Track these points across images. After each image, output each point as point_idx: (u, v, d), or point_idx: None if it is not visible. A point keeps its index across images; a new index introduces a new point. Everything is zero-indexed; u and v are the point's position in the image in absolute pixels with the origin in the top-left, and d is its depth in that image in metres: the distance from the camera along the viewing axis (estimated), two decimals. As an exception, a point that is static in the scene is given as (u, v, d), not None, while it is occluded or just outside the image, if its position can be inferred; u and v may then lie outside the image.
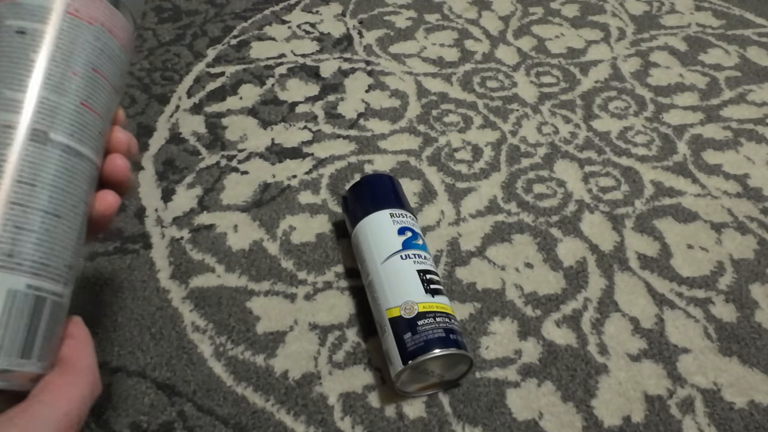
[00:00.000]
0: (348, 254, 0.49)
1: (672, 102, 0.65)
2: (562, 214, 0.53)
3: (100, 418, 0.39)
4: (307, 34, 0.73)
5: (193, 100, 0.63)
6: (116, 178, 0.30)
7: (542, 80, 0.67)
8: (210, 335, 0.44)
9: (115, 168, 0.30)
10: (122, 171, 0.31)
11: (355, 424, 0.39)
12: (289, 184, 0.55)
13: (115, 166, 0.30)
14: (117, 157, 0.31)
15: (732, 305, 0.47)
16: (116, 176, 0.30)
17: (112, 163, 0.30)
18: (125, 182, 0.31)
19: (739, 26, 0.76)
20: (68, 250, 0.27)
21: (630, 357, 0.43)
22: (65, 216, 0.26)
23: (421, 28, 0.74)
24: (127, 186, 0.31)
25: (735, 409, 0.41)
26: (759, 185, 0.56)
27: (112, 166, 0.30)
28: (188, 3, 0.77)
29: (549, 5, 0.80)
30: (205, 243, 0.50)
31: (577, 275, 0.48)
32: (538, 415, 0.40)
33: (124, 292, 0.46)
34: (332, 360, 0.43)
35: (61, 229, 0.26)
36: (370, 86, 0.66)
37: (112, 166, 0.30)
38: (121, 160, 0.31)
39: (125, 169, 0.31)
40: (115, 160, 0.30)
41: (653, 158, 0.58)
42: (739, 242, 0.51)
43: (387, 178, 0.49)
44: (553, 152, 0.59)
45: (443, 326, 0.39)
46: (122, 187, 0.31)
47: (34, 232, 0.25)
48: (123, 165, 0.31)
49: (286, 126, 0.61)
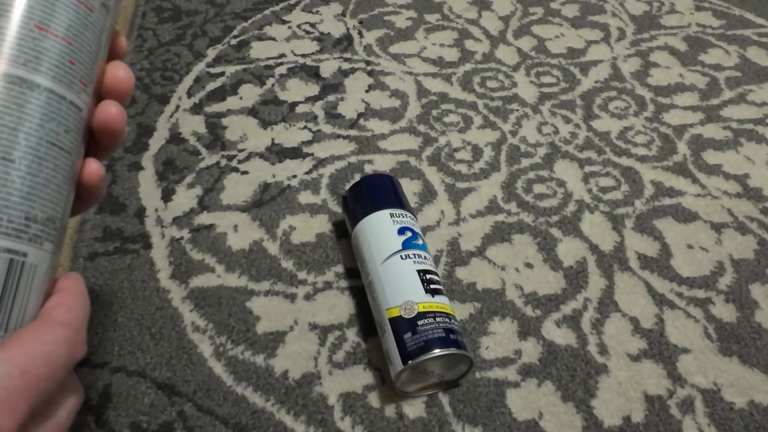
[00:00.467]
0: (348, 254, 0.49)
1: (672, 102, 0.65)
2: (562, 214, 0.53)
3: (100, 418, 0.39)
4: (307, 34, 0.73)
5: (193, 100, 0.63)
6: (107, 129, 0.26)
7: (542, 80, 0.67)
8: (210, 335, 0.44)
9: (106, 117, 0.25)
10: (114, 121, 0.25)
11: (355, 424, 0.39)
12: (289, 184, 0.55)
13: (107, 115, 0.25)
14: (110, 105, 0.26)
15: (732, 305, 0.47)
16: (107, 127, 0.26)
17: (104, 111, 0.25)
18: (117, 136, 0.26)
19: (739, 26, 0.76)
20: (32, 202, 0.23)
21: (630, 357, 0.43)
22: (20, 161, 0.22)
23: (421, 28, 0.74)
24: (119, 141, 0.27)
25: (735, 409, 0.41)
26: (759, 185, 0.56)
27: (104, 114, 0.25)
28: (188, 3, 0.77)
29: (549, 5, 0.80)
30: (205, 243, 0.50)
31: (577, 275, 0.48)
32: (538, 415, 0.40)
33: (124, 292, 0.46)
34: (332, 360, 0.43)
35: (15, 175, 0.22)
36: (370, 86, 0.66)
37: (104, 115, 0.25)
38: (116, 108, 0.26)
39: (118, 119, 0.26)
40: (107, 108, 0.26)
41: (653, 158, 0.58)
42: (739, 242, 0.51)
43: (387, 178, 0.49)
44: (553, 152, 0.59)
45: (443, 326, 0.39)
46: (113, 142, 0.27)
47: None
48: (117, 114, 0.26)
49: (286, 126, 0.61)
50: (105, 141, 0.27)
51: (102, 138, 0.27)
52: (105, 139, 0.27)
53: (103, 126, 0.26)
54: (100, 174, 0.26)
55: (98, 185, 0.27)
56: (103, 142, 0.27)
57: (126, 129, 0.27)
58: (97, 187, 0.27)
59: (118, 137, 0.27)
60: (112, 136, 0.26)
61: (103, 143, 0.27)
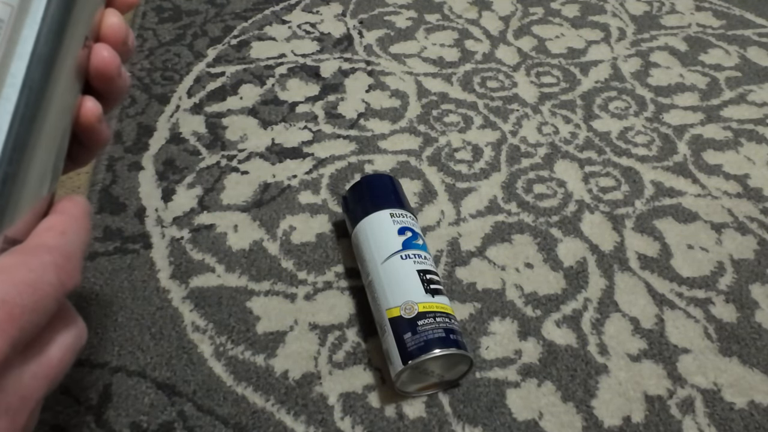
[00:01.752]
0: (348, 254, 0.49)
1: (672, 102, 0.65)
2: (562, 214, 0.53)
3: (100, 418, 0.39)
4: (307, 34, 0.73)
5: (193, 100, 0.63)
6: (100, 72, 0.25)
7: (542, 80, 0.67)
8: (210, 335, 0.44)
9: (98, 61, 0.25)
10: (107, 65, 0.25)
11: (355, 424, 0.39)
12: (289, 184, 0.55)
13: (99, 59, 0.25)
14: (102, 48, 0.25)
15: (732, 305, 0.47)
16: (100, 70, 0.25)
17: (96, 54, 0.25)
18: (111, 80, 0.26)
19: (739, 26, 0.76)
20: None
21: (630, 357, 0.43)
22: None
23: (422, 28, 0.74)
24: (115, 87, 0.26)
25: (735, 410, 0.41)
26: (759, 185, 0.56)
27: (97, 59, 0.25)
28: (188, 3, 0.77)
29: (549, 5, 0.80)
30: (205, 243, 0.50)
31: (577, 275, 0.48)
32: (538, 415, 0.40)
33: (124, 292, 0.46)
34: (332, 360, 0.43)
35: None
36: (370, 86, 0.66)
37: (97, 59, 0.25)
38: (108, 51, 0.25)
39: (111, 63, 0.25)
40: (99, 52, 0.25)
41: (653, 158, 0.58)
42: (739, 242, 0.51)
43: (387, 178, 0.49)
44: (553, 152, 0.59)
45: (443, 326, 0.39)
46: (109, 87, 0.26)
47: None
48: (109, 58, 0.25)
49: (286, 126, 0.61)
50: (101, 87, 0.26)
51: (98, 84, 0.26)
52: (101, 85, 0.26)
53: (97, 70, 0.25)
54: (96, 112, 0.26)
55: (96, 126, 0.26)
56: (101, 89, 0.27)
57: (125, 77, 0.27)
58: (96, 128, 0.26)
59: (113, 83, 0.26)
60: (106, 80, 0.26)
61: (100, 90, 0.27)
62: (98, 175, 0.55)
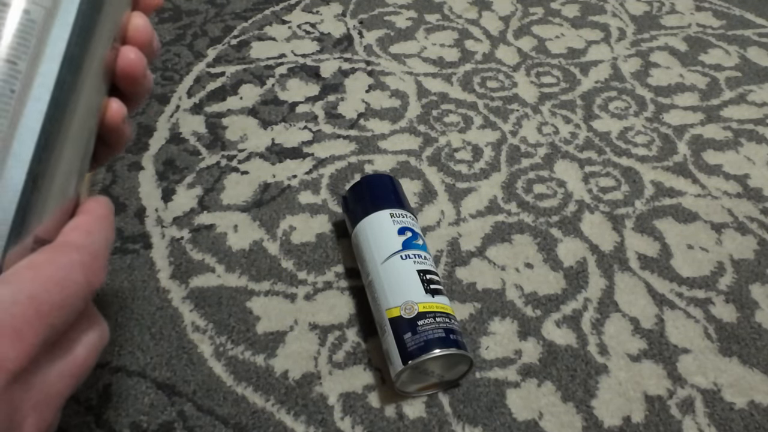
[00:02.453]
0: (348, 254, 0.49)
1: (672, 102, 0.65)
2: (562, 214, 0.53)
3: (100, 418, 0.39)
4: (307, 34, 0.73)
5: (193, 100, 0.63)
6: (127, 74, 0.26)
7: (542, 80, 0.67)
8: (210, 335, 0.44)
9: (125, 63, 0.26)
10: (134, 67, 0.26)
11: (355, 424, 0.39)
12: (289, 184, 0.55)
13: (126, 61, 0.26)
14: (129, 50, 0.26)
15: (732, 305, 0.47)
16: (127, 72, 0.26)
17: (123, 56, 0.26)
18: (137, 81, 0.26)
19: (739, 26, 0.76)
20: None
21: (630, 357, 0.43)
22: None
23: (422, 28, 0.74)
24: (140, 89, 0.27)
25: (735, 410, 0.41)
26: (759, 185, 0.56)
27: (124, 60, 0.26)
28: (188, 3, 0.77)
29: (549, 5, 0.80)
30: (205, 243, 0.50)
31: (577, 275, 0.48)
32: (538, 415, 0.40)
33: (124, 292, 0.46)
34: (332, 360, 0.43)
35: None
36: (370, 86, 0.66)
37: (124, 61, 0.26)
38: (135, 53, 0.26)
39: (138, 65, 0.26)
40: (126, 54, 0.26)
41: (653, 158, 0.58)
42: (740, 242, 0.51)
43: (387, 178, 0.49)
44: (553, 152, 0.59)
45: (443, 326, 0.39)
46: (134, 88, 0.27)
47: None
48: (135, 60, 0.26)
49: (286, 126, 0.61)
50: (127, 88, 0.27)
51: (124, 85, 0.27)
52: (126, 86, 0.27)
53: (124, 71, 0.26)
54: (122, 113, 0.26)
55: (121, 126, 0.27)
56: (126, 90, 0.27)
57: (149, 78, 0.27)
58: (121, 128, 0.27)
59: (139, 84, 0.27)
60: (132, 81, 0.26)
61: (125, 91, 0.27)
62: (98, 175, 0.55)
